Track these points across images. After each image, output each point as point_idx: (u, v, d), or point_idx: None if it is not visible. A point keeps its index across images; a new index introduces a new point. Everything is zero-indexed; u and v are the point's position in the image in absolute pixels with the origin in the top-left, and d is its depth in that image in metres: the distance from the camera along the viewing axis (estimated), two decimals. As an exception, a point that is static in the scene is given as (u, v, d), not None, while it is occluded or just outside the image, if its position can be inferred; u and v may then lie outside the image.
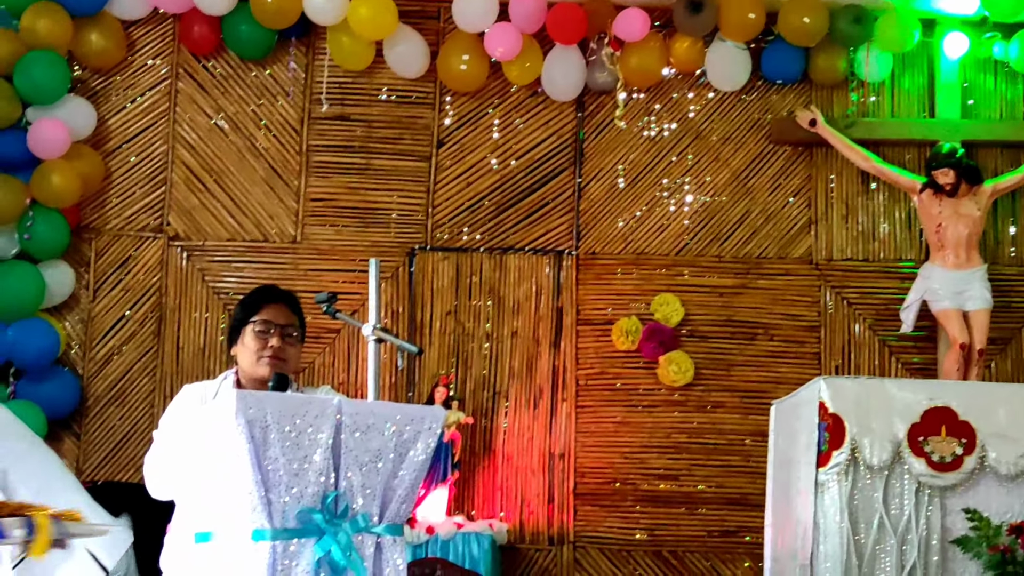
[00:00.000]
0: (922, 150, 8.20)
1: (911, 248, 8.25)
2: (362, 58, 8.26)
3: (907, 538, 5.92)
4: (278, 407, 3.86)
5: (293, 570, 3.83)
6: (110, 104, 8.34)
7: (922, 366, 8.08)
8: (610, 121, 8.35)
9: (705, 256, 8.27)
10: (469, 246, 8.29)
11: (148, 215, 8.30)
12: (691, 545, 8.06)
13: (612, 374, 8.19)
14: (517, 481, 8.09)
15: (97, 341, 8.19)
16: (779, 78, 8.33)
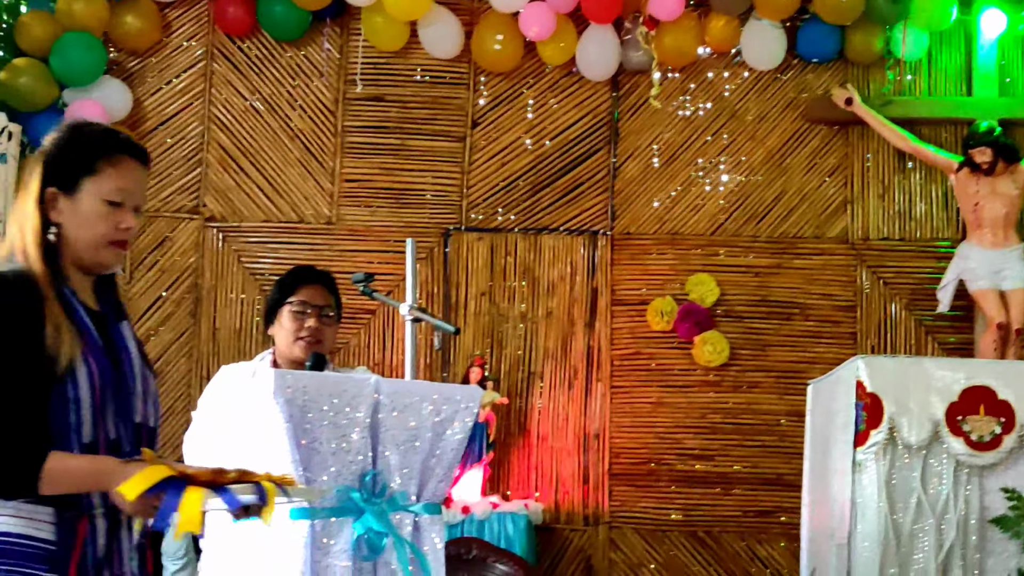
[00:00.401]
0: (959, 129, 8.14)
1: (948, 227, 8.20)
2: (396, 38, 8.25)
3: (945, 517, 5.89)
4: (316, 386, 3.86)
5: (331, 548, 3.84)
6: (146, 86, 8.37)
7: (958, 346, 8.04)
8: (645, 101, 8.31)
9: (740, 236, 8.24)
10: (504, 226, 8.29)
11: (184, 196, 8.32)
12: (726, 525, 8.04)
13: (647, 354, 8.18)
14: (552, 461, 8.09)
15: (134, 322, 8.17)
16: (815, 57, 8.28)
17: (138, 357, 3.13)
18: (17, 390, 2.79)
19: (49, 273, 2.93)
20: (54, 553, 2.82)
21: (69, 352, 2.85)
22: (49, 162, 3.07)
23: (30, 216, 3.01)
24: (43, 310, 2.87)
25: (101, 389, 2.92)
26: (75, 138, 3.10)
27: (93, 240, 3.00)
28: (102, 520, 2.91)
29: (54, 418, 2.83)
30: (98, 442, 2.90)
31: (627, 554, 8.04)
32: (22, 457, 2.74)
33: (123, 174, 3.04)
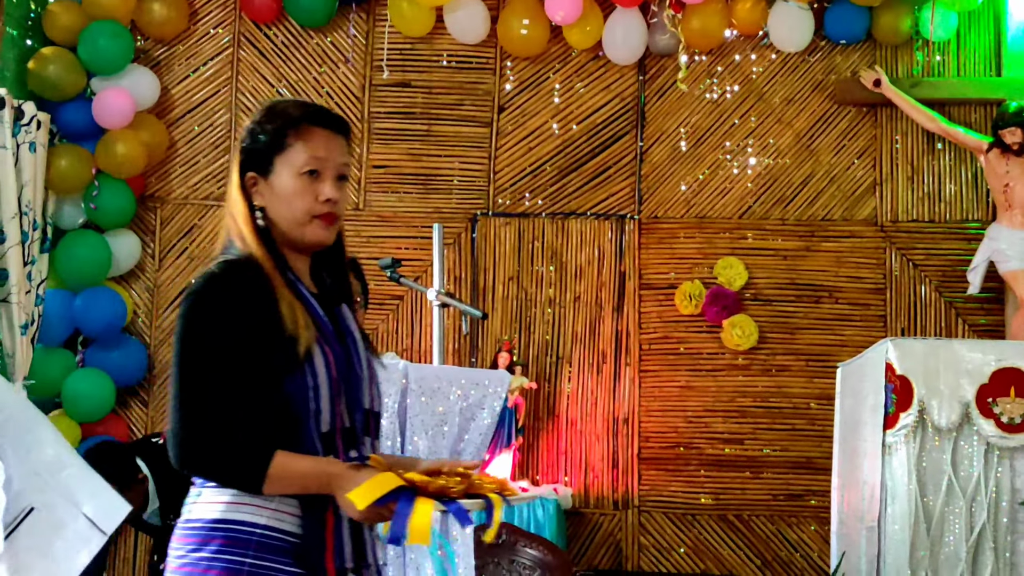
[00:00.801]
0: (988, 109, 8.09)
1: (978, 209, 8.16)
2: (422, 24, 8.25)
3: (976, 500, 5.88)
4: (344, 372, 3.87)
5: (361, 533, 3.85)
6: (173, 74, 8.39)
7: (989, 328, 8.00)
8: (672, 84, 8.30)
9: (769, 219, 8.22)
10: (531, 211, 8.28)
11: (212, 183, 8.35)
12: (756, 509, 8.04)
13: (675, 338, 8.17)
14: (581, 446, 8.10)
15: (164, 309, 8.26)
16: (843, 38, 8.24)
17: (362, 341, 3.07)
18: (251, 380, 2.77)
19: (270, 257, 2.93)
20: (299, 546, 2.80)
21: (307, 337, 2.83)
22: (244, 147, 3.07)
23: (236, 203, 3.01)
24: (275, 294, 2.86)
25: (336, 376, 2.89)
26: (264, 118, 3.07)
27: (295, 217, 2.96)
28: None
29: (294, 407, 2.81)
30: (335, 430, 2.87)
31: (656, 538, 8.05)
32: (249, 455, 2.74)
33: (314, 144, 2.99)
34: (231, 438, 2.72)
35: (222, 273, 2.87)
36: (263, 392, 2.77)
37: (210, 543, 2.77)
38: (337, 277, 3.12)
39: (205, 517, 2.81)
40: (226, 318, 2.79)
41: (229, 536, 2.76)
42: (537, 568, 6.13)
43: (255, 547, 2.76)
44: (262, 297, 2.83)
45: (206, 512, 2.82)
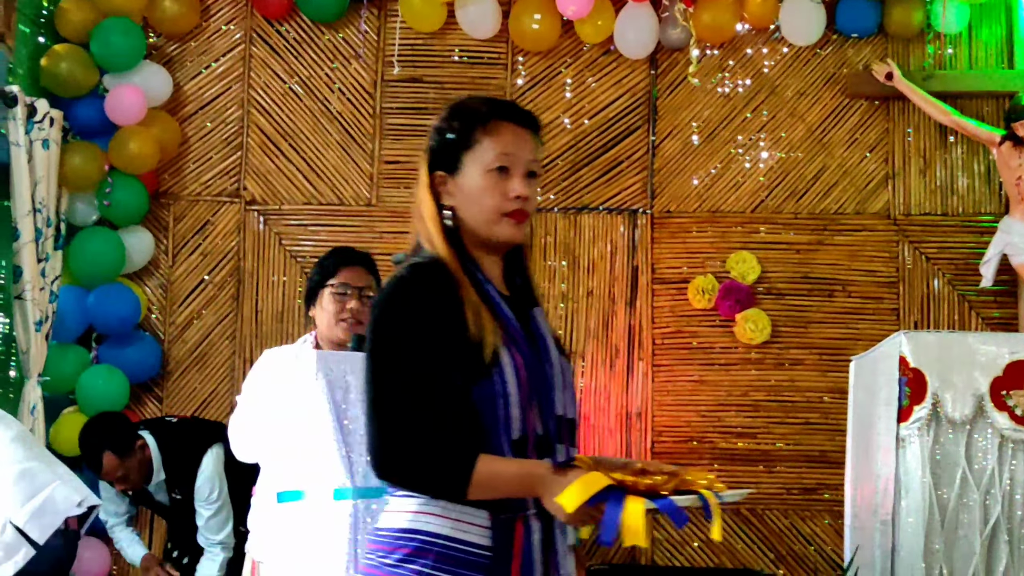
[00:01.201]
0: (1001, 102, 8.08)
1: (991, 201, 8.15)
2: (434, 19, 8.25)
3: (991, 493, 5.87)
4: (358, 367, 3.87)
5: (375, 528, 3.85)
6: (185, 70, 8.40)
7: (1002, 321, 7.99)
8: (683, 78, 8.29)
9: (781, 213, 8.21)
10: (543, 206, 8.28)
11: (225, 180, 8.36)
12: (770, 503, 8.03)
13: (688, 333, 8.17)
14: (594, 440, 8.10)
15: (177, 306, 8.27)
16: (854, 32, 8.23)
17: (553, 344, 2.99)
18: (446, 386, 2.70)
19: (457, 258, 2.88)
20: (490, 559, 2.72)
21: (493, 341, 2.76)
22: (432, 146, 3.03)
23: (425, 203, 2.98)
24: (461, 297, 2.79)
25: (527, 381, 2.81)
26: (450, 116, 3.03)
27: (484, 215, 2.91)
28: (536, 521, 2.81)
29: (483, 414, 2.74)
30: (527, 438, 2.79)
31: (670, 532, 8.04)
32: (453, 460, 2.67)
33: (502, 140, 2.93)
34: (432, 445, 2.66)
35: (409, 277, 2.83)
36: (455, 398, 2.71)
37: (396, 551, 2.74)
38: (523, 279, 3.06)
39: (393, 526, 2.77)
40: (415, 323, 2.73)
41: (414, 546, 2.71)
42: (551, 562, 6.13)
43: (436, 558, 2.70)
44: (449, 300, 2.77)
45: (394, 521, 2.77)
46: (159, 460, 6.33)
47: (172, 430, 6.57)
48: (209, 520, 6.28)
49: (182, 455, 6.31)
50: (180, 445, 6.37)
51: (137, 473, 6.30)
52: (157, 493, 6.44)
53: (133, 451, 6.27)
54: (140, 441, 6.29)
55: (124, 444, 6.25)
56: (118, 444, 6.24)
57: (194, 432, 6.53)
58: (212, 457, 6.26)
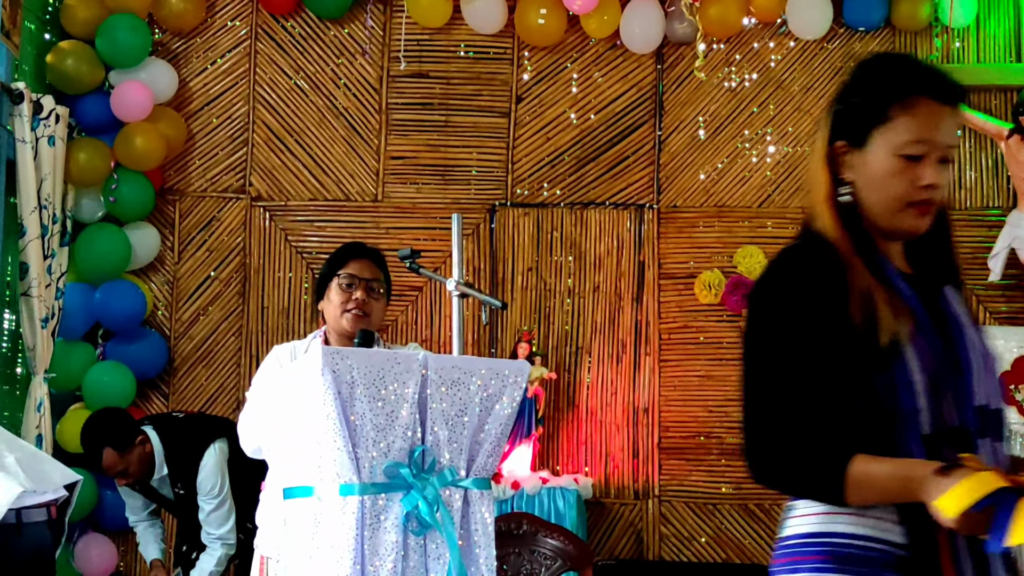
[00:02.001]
0: (1009, 95, 8.08)
1: (998, 195, 8.14)
2: (439, 15, 8.25)
3: (999, 488, 5.86)
4: (364, 363, 3.87)
5: (382, 524, 3.85)
6: (191, 66, 8.40)
7: (1010, 315, 7.97)
8: (690, 73, 8.29)
9: (788, 208, 8.20)
10: (549, 201, 8.28)
11: (231, 176, 8.36)
12: (777, 498, 7.97)
13: (695, 328, 8.16)
14: (601, 436, 8.10)
15: (183, 302, 8.28)
16: (861, 25, 8.22)
17: (971, 327, 2.63)
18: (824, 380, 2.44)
19: (848, 238, 2.56)
20: (906, 559, 2.43)
21: (890, 327, 2.45)
22: (836, 110, 2.69)
23: (819, 176, 2.65)
24: (850, 281, 2.49)
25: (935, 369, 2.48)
26: (864, 80, 2.66)
27: (886, 202, 2.57)
28: None
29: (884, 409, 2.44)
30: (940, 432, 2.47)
31: (678, 527, 8.04)
32: (824, 462, 2.42)
33: (921, 122, 2.54)
34: (804, 445, 2.43)
35: (787, 259, 2.59)
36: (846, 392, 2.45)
37: (807, 560, 2.51)
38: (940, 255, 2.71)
39: (800, 532, 2.55)
40: (793, 310, 2.48)
41: (825, 551, 2.48)
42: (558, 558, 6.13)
43: (856, 561, 2.44)
44: (834, 285, 2.49)
45: (801, 526, 2.55)
46: (162, 455, 6.33)
47: (176, 425, 6.58)
48: (210, 514, 6.28)
49: (184, 450, 6.32)
50: (183, 440, 6.37)
51: (137, 468, 6.30)
52: (161, 488, 6.44)
53: (133, 446, 6.28)
54: (141, 436, 6.30)
55: (123, 439, 6.25)
56: (117, 440, 6.24)
57: (198, 427, 6.54)
58: (214, 452, 6.25)
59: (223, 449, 6.27)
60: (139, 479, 6.37)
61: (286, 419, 4.04)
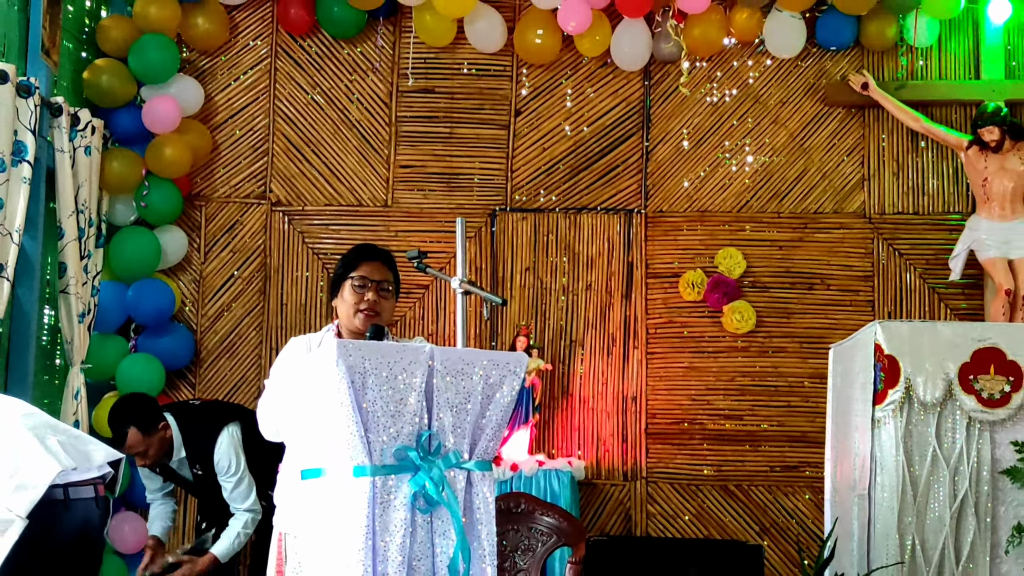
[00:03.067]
0: (968, 110, 8.07)
1: (958, 201, 8.13)
2: (445, 35, 8.23)
3: (959, 469, 5.86)
4: (375, 354, 3.86)
5: (391, 503, 3.85)
6: (216, 82, 8.39)
7: (969, 311, 7.98)
8: (675, 89, 8.28)
9: (765, 212, 8.19)
10: (545, 207, 8.27)
11: (252, 183, 8.35)
12: (755, 479, 8.02)
13: (679, 323, 8.15)
14: (593, 422, 8.09)
15: (209, 299, 8.26)
16: (832, 45, 8.21)
17: None
18: None
19: None
20: None
21: None
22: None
23: None
24: None
25: None
26: None
27: None
28: None
29: None
30: None
31: (663, 507, 8.03)
32: None
33: None
34: None
35: None
36: None
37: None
38: None
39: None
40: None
41: None
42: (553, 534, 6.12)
43: None
44: None
45: None
46: (179, 439, 6.34)
47: (192, 411, 6.59)
48: (233, 492, 6.28)
49: (200, 434, 6.33)
50: (198, 425, 6.38)
51: (156, 450, 6.31)
52: (180, 469, 6.45)
53: (156, 430, 6.29)
54: (163, 423, 6.30)
55: (148, 422, 6.26)
56: (143, 421, 6.25)
57: (212, 413, 6.54)
58: (227, 435, 6.26)
59: (236, 432, 6.28)
60: (157, 462, 6.38)
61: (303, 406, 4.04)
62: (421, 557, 3.88)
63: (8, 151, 6.39)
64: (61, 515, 4.02)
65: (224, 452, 6.25)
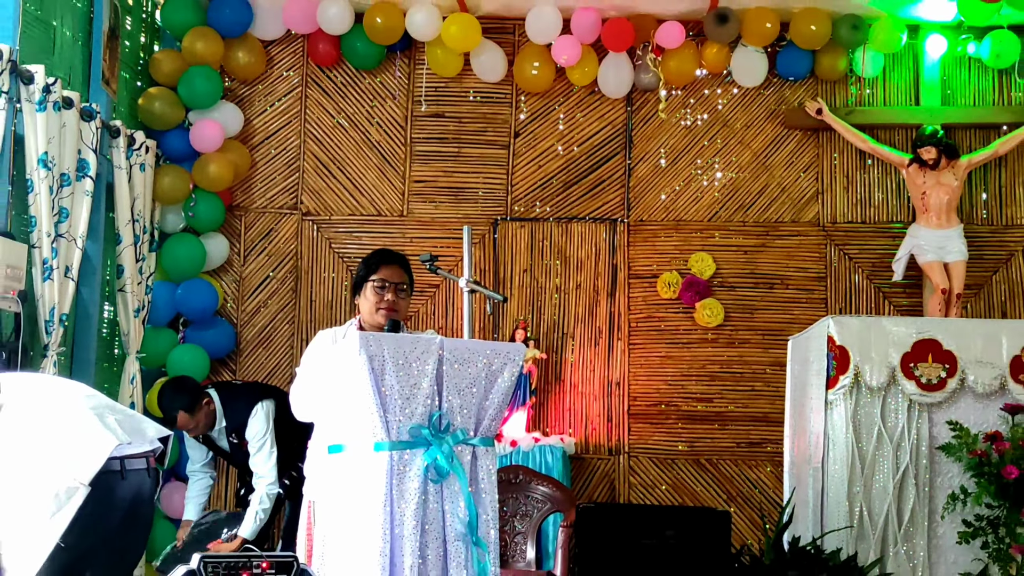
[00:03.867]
0: (909, 132, 8.06)
1: (900, 212, 8.13)
2: (453, 67, 8.22)
3: (901, 445, 5.86)
4: (392, 345, 3.86)
5: (407, 474, 3.84)
6: (254, 108, 8.38)
7: (910, 308, 7.97)
8: (654, 114, 8.27)
9: (732, 221, 8.18)
10: (541, 217, 8.26)
11: (285, 196, 8.34)
12: (723, 454, 8.01)
13: (657, 318, 8.14)
14: (582, 404, 8.08)
15: (247, 297, 8.25)
16: (791, 76, 8.21)
17: None
18: None
19: None
20: None
21: None
22: None
23: None
24: None
25: None
26: None
27: None
28: None
29: None
30: None
31: (643, 478, 8.03)
32: None
33: None
34: None
35: None
36: None
37: None
38: None
39: None
40: None
41: None
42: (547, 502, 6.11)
43: None
44: None
45: None
46: (221, 411, 6.38)
47: (233, 388, 6.65)
48: (255, 456, 6.29)
49: (238, 407, 6.36)
50: (237, 399, 6.41)
51: (204, 423, 6.36)
52: (219, 439, 6.47)
53: (200, 407, 6.32)
54: (206, 399, 6.34)
55: (192, 403, 6.30)
56: (188, 405, 6.29)
57: (250, 390, 6.58)
58: (261, 408, 6.28)
59: (268, 407, 6.30)
60: (204, 432, 6.43)
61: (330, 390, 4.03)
62: (432, 521, 3.87)
63: (73, 168, 6.39)
64: (118, 483, 4.03)
65: (256, 422, 6.28)
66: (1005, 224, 8.09)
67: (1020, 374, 5.88)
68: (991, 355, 5.91)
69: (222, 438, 6.46)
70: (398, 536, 3.78)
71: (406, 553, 3.77)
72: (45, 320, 6.08)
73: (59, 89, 6.11)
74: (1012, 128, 7.98)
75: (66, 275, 6.32)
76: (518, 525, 6.10)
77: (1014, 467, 5.60)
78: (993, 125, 8.06)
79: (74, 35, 6.89)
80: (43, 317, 6.07)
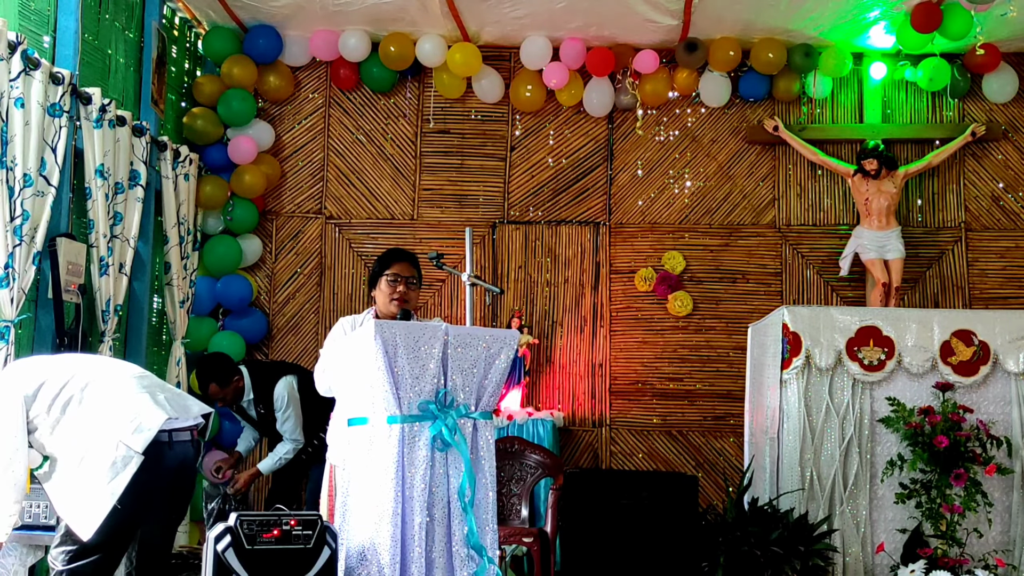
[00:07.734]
0: (854, 146, 8.06)
1: (846, 215, 8.12)
2: (457, 89, 8.22)
3: (846, 418, 5.88)
4: (404, 331, 3.87)
5: (416, 444, 3.85)
6: (284, 125, 8.37)
7: (854, 299, 7.98)
8: (632, 131, 8.26)
9: (700, 224, 8.18)
10: (534, 220, 8.25)
11: (311, 202, 8.33)
12: (691, 426, 8.02)
13: (635, 308, 8.15)
14: (570, 383, 8.08)
15: (278, 290, 8.25)
16: (751, 97, 8.20)
17: None
18: None
19: None
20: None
21: None
22: None
23: None
24: None
25: None
26: None
27: None
28: None
29: None
30: None
31: (622, 447, 8.03)
32: None
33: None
34: None
35: None
36: None
37: None
38: None
39: None
40: None
41: None
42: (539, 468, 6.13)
43: None
44: None
45: None
46: (249, 384, 6.40)
47: (262, 365, 6.72)
48: (283, 424, 6.32)
49: (265, 381, 6.39)
50: (265, 374, 6.45)
51: (232, 396, 6.39)
52: (248, 409, 6.49)
53: (231, 382, 6.35)
54: (237, 375, 6.37)
55: (224, 377, 6.34)
56: (220, 378, 6.32)
57: (276, 367, 6.63)
58: (284, 383, 6.30)
59: (292, 381, 6.33)
60: (233, 402, 6.45)
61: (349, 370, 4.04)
62: (439, 485, 3.89)
63: (126, 178, 6.39)
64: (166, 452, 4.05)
65: (280, 394, 6.30)
66: (937, 226, 8.09)
67: (949, 356, 5.90)
68: (924, 340, 5.92)
69: (251, 408, 6.49)
70: (408, 497, 3.79)
71: (415, 512, 3.79)
72: (102, 310, 6.09)
73: (113, 109, 6.11)
74: (944, 143, 7.99)
75: (120, 271, 6.32)
76: (513, 488, 6.12)
77: (944, 437, 5.62)
78: (927, 140, 8.07)
79: (127, 62, 6.88)
80: (100, 308, 6.08)
